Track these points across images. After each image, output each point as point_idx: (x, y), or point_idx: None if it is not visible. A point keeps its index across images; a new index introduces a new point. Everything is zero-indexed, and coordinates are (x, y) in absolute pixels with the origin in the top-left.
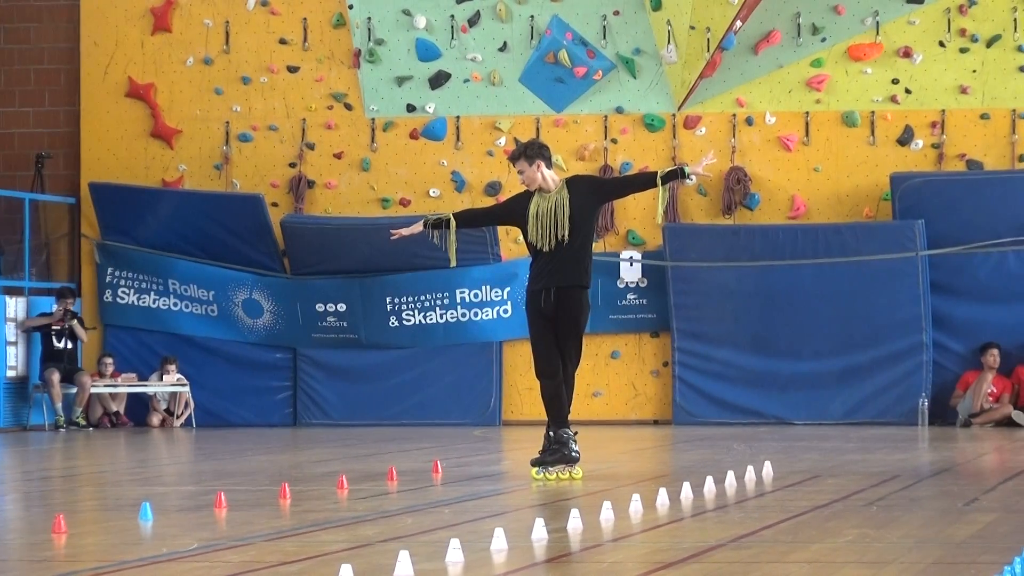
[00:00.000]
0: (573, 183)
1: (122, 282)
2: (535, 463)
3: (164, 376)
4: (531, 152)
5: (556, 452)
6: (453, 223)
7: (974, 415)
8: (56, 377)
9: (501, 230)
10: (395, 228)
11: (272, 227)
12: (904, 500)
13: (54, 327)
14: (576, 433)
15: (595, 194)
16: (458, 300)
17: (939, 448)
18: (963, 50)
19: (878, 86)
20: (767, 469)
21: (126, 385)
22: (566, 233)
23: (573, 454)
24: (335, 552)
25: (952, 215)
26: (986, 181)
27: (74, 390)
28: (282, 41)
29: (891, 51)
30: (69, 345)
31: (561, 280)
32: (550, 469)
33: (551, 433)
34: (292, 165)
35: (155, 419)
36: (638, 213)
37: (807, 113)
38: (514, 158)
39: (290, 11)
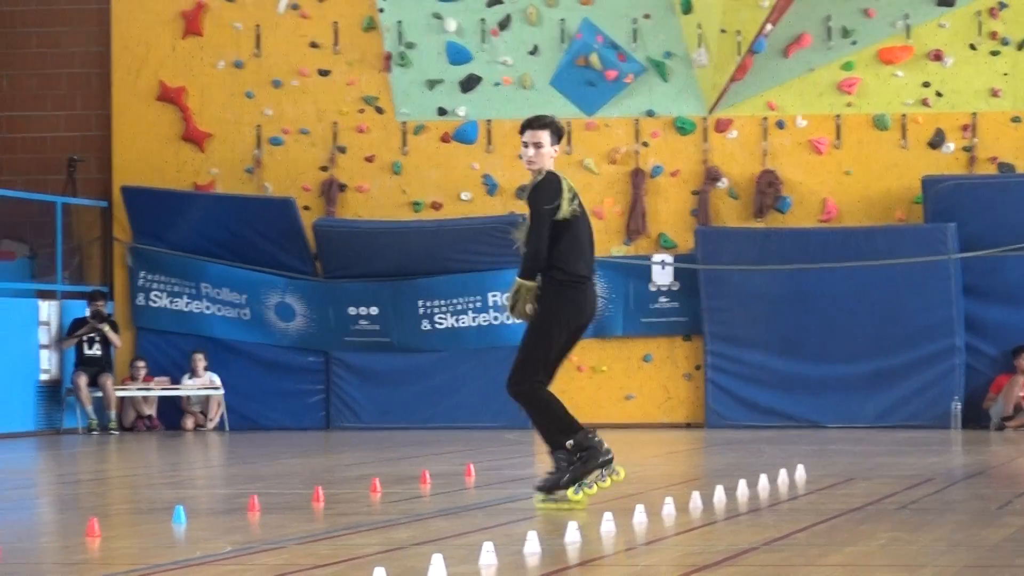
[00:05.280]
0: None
1: (154, 286)
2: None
3: (194, 371)
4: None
5: (587, 461)
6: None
7: (1007, 418)
8: (84, 381)
9: None
10: (424, 230)
11: (304, 230)
12: (937, 503)
13: (86, 336)
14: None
15: None
16: (490, 303)
17: (972, 451)
18: (994, 53)
19: (909, 89)
20: (800, 472)
21: (158, 389)
22: None
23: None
24: (368, 555)
25: (984, 218)
26: (1018, 184)
27: (101, 394)
28: (313, 44)
29: (922, 54)
30: (99, 351)
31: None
32: (587, 482)
33: (570, 443)
34: (323, 168)
35: (188, 422)
36: (669, 216)
37: (838, 116)
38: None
39: (321, 15)
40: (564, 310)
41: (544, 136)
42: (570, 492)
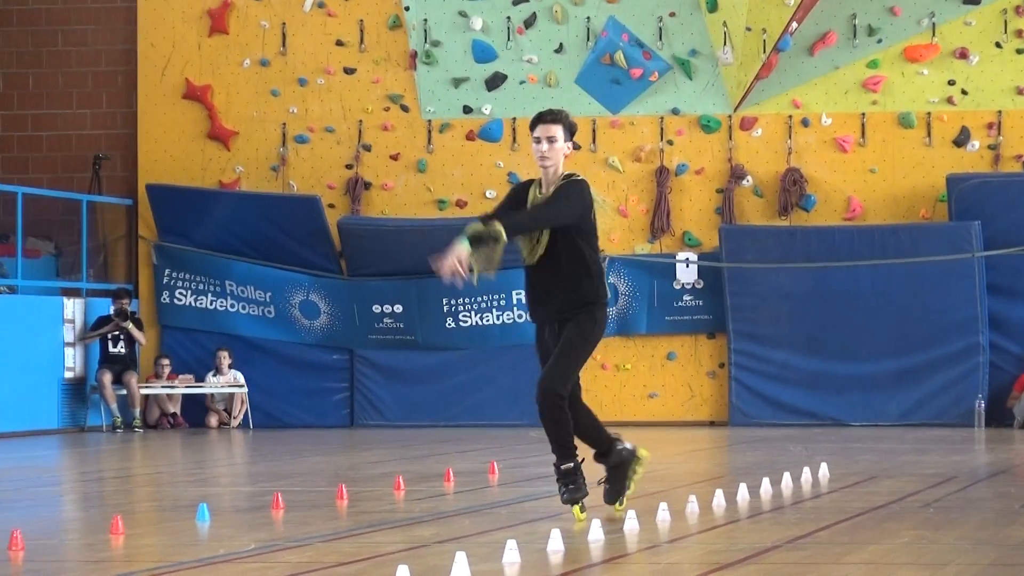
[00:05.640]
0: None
1: (179, 283)
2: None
3: (218, 368)
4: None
5: (578, 489)
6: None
7: None
8: (108, 379)
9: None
10: (449, 228)
11: (329, 228)
12: (960, 502)
13: (111, 334)
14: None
15: None
16: (514, 301)
17: (996, 450)
18: (1020, 51)
19: (934, 87)
20: (823, 470)
21: (182, 386)
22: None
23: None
24: (392, 553)
25: (1009, 216)
26: None
27: (125, 392)
28: (339, 43)
29: (947, 52)
30: (124, 350)
31: None
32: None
33: (564, 465)
34: (349, 167)
35: (212, 420)
36: (694, 214)
37: (863, 114)
38: (539, 119)
39: (346, 13)
40: (603, 330)
41: (558, 131)
42: (576, 511)
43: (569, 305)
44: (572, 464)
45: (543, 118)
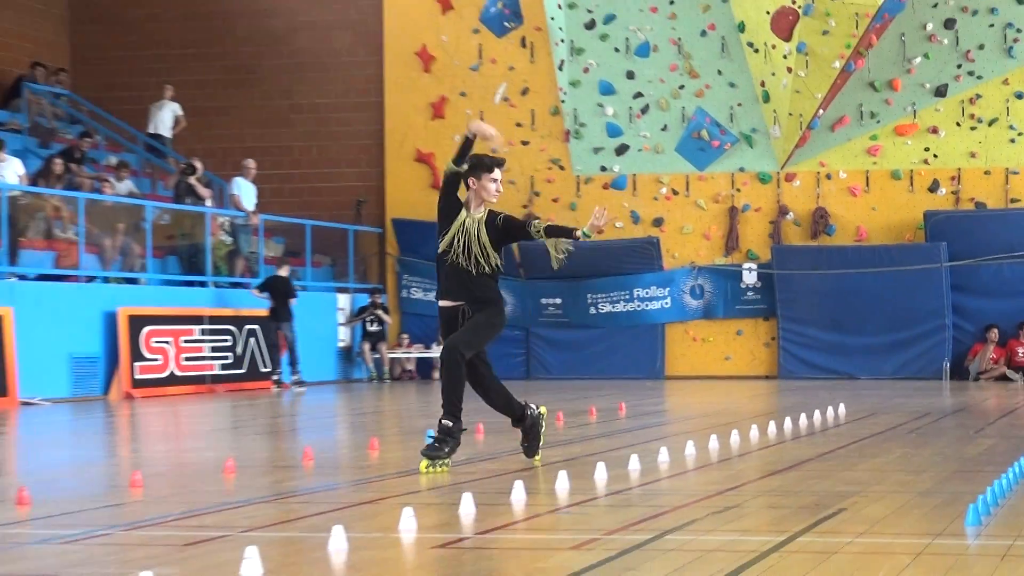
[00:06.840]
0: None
1: (413, 284)
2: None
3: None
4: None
5: (442, 447)
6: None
7: (981, 373)
8: (367, 347)
9: (664, 246)
10: (591, 247)
11: (513, 248)
12: (933, 429)
13: (366, 318)
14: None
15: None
16: (635, 296)
17: (956, 395)
18: (972, 128)
19: (915, 152)
20: (841, 408)
21: (416, 352)
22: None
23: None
24: (555, 462)
25: (966, 239)
26: (988, 216)
27: (378, 356)
28: (518, 124)
29: (924, 129)
30: (377, 327)
31: None
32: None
33: (446, 423)
34: (524, 206)
35: (436, 374)
36: (754, 238)
37: (867, 171)
38: (501, 165)
39: (523, 104)
40: (504, 323)
41: None
42: (424, 464)
43: (478, 300)
44: (451, 423)
45: (502, 165)
